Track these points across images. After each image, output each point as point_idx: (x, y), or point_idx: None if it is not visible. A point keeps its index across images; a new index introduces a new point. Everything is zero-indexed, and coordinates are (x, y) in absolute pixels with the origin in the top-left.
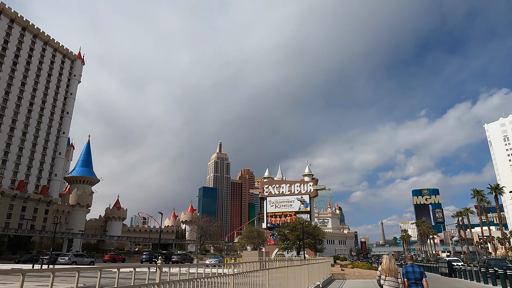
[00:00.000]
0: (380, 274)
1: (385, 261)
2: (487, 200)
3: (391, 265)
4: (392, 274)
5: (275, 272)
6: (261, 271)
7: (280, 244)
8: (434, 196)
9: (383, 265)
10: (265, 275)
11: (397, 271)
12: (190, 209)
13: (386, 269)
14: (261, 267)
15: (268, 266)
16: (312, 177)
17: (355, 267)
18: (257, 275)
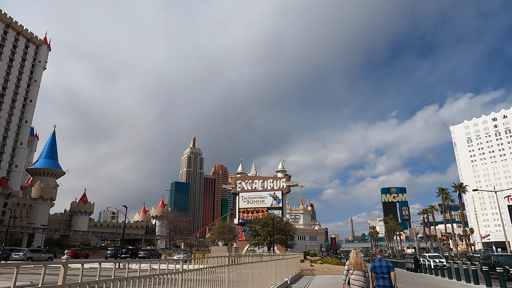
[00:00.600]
0: (348, 268)
1: (352, 255)
2: (451, 198)
3: (358, 259)
4: (359, 268)
5: (238, 268)
6: (224, 267)
7: (251, 240)
8: (401, 194)
9: (351, 259)
10: (229, 271)
11: (364, 265)
12: (161, 204)
13: (354, 263)
14: (229, 262)
15: (233, 261)
16: (285, 173)
17: (324, 263)
18: (222, 271)
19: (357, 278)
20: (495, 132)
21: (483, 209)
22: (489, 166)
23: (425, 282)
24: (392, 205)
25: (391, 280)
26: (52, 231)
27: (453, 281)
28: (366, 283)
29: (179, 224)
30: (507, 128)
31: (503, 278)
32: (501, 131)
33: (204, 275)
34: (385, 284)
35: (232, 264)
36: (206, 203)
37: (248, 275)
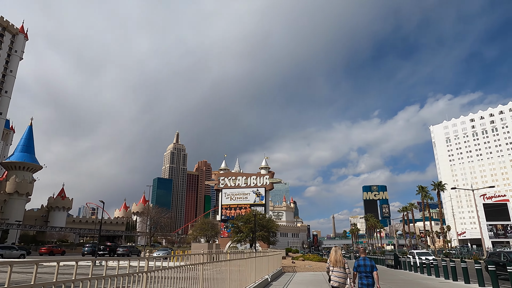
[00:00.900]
0: (329, 266)
1: (332, 253)
2: (430, 196)
3: (337, 256)
4: (338, 265)
5: (214, 266)
6: (197, 265)
7: (233, 237)
8: (382, 192)
9: (331, 256)
10: (204, 269)
11: (344, 262)
12: (143, 200)
13: (333, 260)
14: (203, 260)
15: (208, 259)
16: (268, 170)
17: (306, 260)
18: (200, 268)
19: (337, 275)
20: (473, 133)
21: (460, 207)
22: (466, 165)
23: (404, 278)
24: (373, 202)
25: (373, 279)
26: (28, 227)
27: (432, 278)
28: (345, 280)
29: (160, 220)
30: (484, 129)
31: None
32: (478, 131)
33: (183, 273)
34: (368, 283)
35: (206, 263)
36: (189, 199)
37: (225, 272)
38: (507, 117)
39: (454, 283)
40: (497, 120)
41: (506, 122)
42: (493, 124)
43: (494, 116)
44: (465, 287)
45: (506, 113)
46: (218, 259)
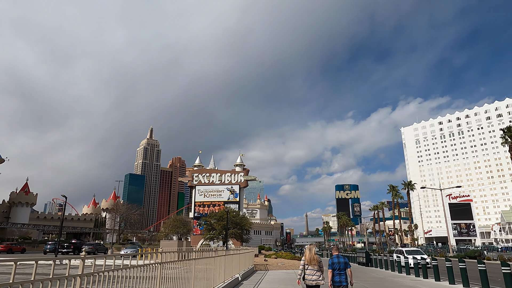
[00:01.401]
0: (304, 264)
1: (307, 251)
2: (400, 195)
3: (311, 254)
4: (313, 263)
5: (179, 264)
6: (158, 264)
7: (205, 234)
8: (354, 191)
9: (305, 255)
10: (162, 268)
11: (319, 260)
12: (113, 196)
13: (308, 258)
14: (161, 259)
15: (174, 257)
16: (243, 167)
17: (278, 257)
18: (169, 266)
19: (312, 273)
20: (441, 135)
21: (427, 207)
22: (434, 166)
23: (376, 276)
24: (345, 201)
25: (347, 276)
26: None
27: (403, 275)
28: (320, 277)
29: (130, 217)
30: (451, 132)
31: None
32: (445, 134)
33: (146, 272)
34: (341, 280)
35: (164, 262)
36: (161, 196)
37: (191, 272)
38: (472, 121)
39: (425, 281)
40: (463, 124)
41: (471, 126)
42: (460, 127)
43: (460, 119)
44: (436, 284)
45: (471, 117)
46: (182, 258)
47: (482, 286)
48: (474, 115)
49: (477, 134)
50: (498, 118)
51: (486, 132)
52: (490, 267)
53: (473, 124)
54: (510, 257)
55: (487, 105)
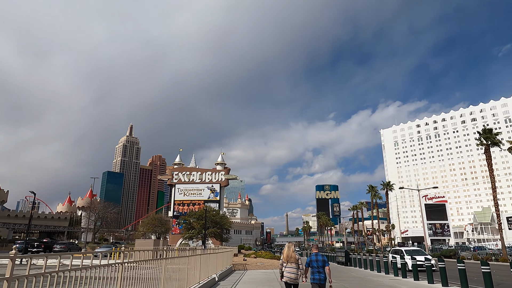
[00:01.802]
0: (282, 262)
1: (286, 249)
2: (379, 196)
3: (289, 252)
4: (291, 261)
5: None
6: (118, 265)
7: (184, 233)
8: (334, 191)
9: (284, 253)
10: (128, 268)
11: (297, 258)
12: (89, 194)
13: (286, 256)
14: (128, 258)
15: (145, 256)
16: (224, 166)
17: (258, 257)
18: (144, 266)
19: (290, 271)
20: (418, 138)
21: (404, 207)
22: (411, 168)
23: (356, 276)
24: (325, 201)
25: (325, 274)
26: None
27: (382, 275)
28: (298, 275)
29: (107, 215)
30: (428, 135)
31: None
32: (423, 136)
33: (114, 272)
34: (320, 277)
35: (126, 262)
36: (141, 195)
37: (163, 272)
38: (448, 125)
39: (404, 280)
40: (440, 127)
41: (447, 129)
42: (436, 130)
43: (437, 123)
44: (415, 284)
45: (447, 121)
46: (153, 257)
47: (461, 285)
48: (450, 118)
49: (453, 137)
50: (472, 122)
51: (461, 135)
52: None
53: (449, 128)
54: (484, 257)
55: (462, 109)
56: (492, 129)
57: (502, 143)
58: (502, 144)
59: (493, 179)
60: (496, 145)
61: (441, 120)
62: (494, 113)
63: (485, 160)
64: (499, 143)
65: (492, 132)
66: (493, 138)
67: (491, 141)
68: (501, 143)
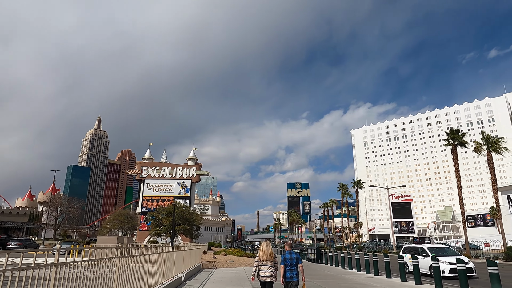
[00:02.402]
0: (258, 260)
1: (262, 247)
2: (349, 194)
3: (268, 251)
4: (267, 259)
5: (107, 262)
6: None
7: (152, 230)
8: (305, 189)
9: (260, 251)
10: (79, 268)
11: (273, 256)
12: (52, 188)
13: (263, 254)
14: (71, 256)
15: (104, 254)
16: (196, 162)
17: (228, 254)
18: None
19: (266, 269)
20: (387, 138)
21: (371, 205)
22: (379, 167)
23: (328, 273)
24: (296, 199)
25: (298, 272)
26: None
27: (354, 272)
28: (273, 274)
29: (70, 211)
30: (396, 136)
31: None
32: (391, 137)
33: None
34: (292, 275)
35: (62, 264)
36: (108, 190)
37: (119, 271)
38: (415, 127)
39: (377, 278)
40: (407, 129)
41: (414, 131)
42: (404, 131)
43: (405, 124)
44: (388, 281)
45: (414, 123)
46: (109, 255)
47: (435, 282)
48: (417, 121)
49: (419, 138)
50: (437, 125)
51: (427, 137)
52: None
53: (415, 129)
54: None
55: (428, 112)
56: (459, 130)
57: (468, 144)
58: (468, 144)
59: (459, 178)
60: (462, 145)
61: (409, 122)
62: (458, 117)
63: (447, 161)
64: (465, 143)
65: (459, 133)
66: (460, 139)
67: (458, 141)
68: (467, 143)
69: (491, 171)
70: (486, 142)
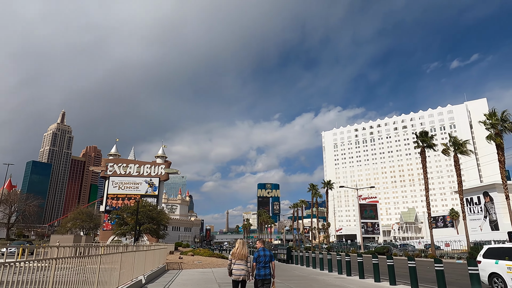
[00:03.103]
0: (231, 259)
1: (238, 246)
2: (320, 194)
3: (243, 250)
4: (241, 258)
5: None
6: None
7: (116, 229)
8: (275, 190)
9: (235, 249)
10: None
11: (247, 255)
12: (8, 185)
13: (238, 253)
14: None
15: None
16: (165, 159)
17: (196, 255)
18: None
19: (239, 268)
20: (356, 141)
21: (339, 206)
22: (348, 169)
23: (300, 274)
24: (266, 199)
25: (271, 269)
26: None
27: (326, 272)
28: (247, 272)
29: (25, 208)
30: (364, 139)
31: None
32: (360, 140)
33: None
34: (265, 273)
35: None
36: (71, 188)
37: (68, 275)
38: (382, 130)
39: (350, 279)
40: (375, 132)
41: (382, 135)
42: (372, 135)
43: (373, 128)
44: (361, 282)
45: (382, 127)
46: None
47: (411, 283)
48: (384, 125)
49: (386, 142)
50: (403, 129)
51: (393, 141)
52: (398, 262)
53: (383, 133)
54: (414, 253)
55: (395, 117)
56: (428, 132)
57: (436, 146)
58: (436, 147)
59: (426, 180)
60: (431, 148)
61: (377, 126)
62: (422, 122)
63: (411, 164)
64: (434, 146)
65: (428, 135)
66: (429, 141)
67: (427, 143)
68: (436, 145)
69: (457, 173)
70: (454, 144)
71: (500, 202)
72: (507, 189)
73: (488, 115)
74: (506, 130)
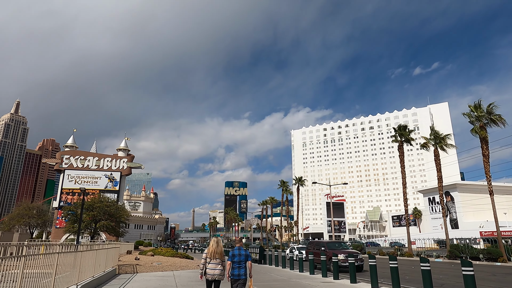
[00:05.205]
0: (206, 258)
1: (212, 244)
2: (290, 191)
3: (218, 248)
4: (216, 257)
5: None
6: None
7: (69, 226)
8: (242, 188)
9: (210, 248)
10: None
11: (223, 254)
12: None
13: (212, 252)
14: None
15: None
16: (128, 153)
17: (156, 254)
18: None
19: (214, 267)
20: (324, 140)
21: (306, 205)
22: (316, 168)
23: (279, 278)
24: (233, 198)
25: (247, 269)
26: None
27: (307, 275)
28: (223, 272)
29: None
30: (332, 138)
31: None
32: (328, 140)
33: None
34: (240, 273)
35: None
36: (25, 183)
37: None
38: (350, 131)
39: (338, 283)
40: (343, 132)
41: (349, 135)
42: (340, 135)
43: (341, 128)
44: (351, 286)
45: (350, 127)
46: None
47: (392, 284)
48: (352, 125)
49: (353, 142)
50: (370, 130)
51: (361, 141)
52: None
53: (350, 133)
54: (390, 252)
55: (363, 118)
56: (407, 126)
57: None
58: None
59: (404, 175)
60: (408, 142)
61: (345, 126)
62: (388, 123)
63: (377, 164)
64: (412, 140)
65: (407, 130)
66: (407, 135)
67: (404, 137)
68: (413, 140)
69: (438, 168)
70: (435, 138)
71: (461, 202)
72: (491, 185)
73: (473, 108)
74: (491, 122)
